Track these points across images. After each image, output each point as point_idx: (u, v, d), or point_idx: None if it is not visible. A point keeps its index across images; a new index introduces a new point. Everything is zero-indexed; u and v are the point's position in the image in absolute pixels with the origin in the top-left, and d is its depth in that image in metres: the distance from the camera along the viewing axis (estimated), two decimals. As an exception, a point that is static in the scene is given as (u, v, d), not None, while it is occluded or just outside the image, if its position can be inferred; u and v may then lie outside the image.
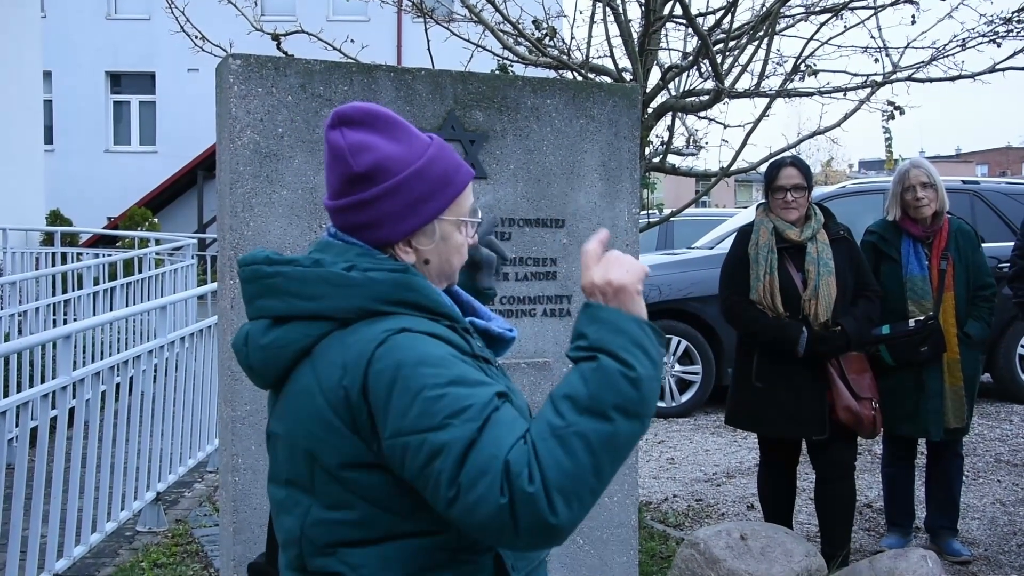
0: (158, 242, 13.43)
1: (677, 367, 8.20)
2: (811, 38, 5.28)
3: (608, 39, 5.15)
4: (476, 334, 1.71)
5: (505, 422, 1.44)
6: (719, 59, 4.85)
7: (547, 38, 5.36)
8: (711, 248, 8.95)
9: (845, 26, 5.43)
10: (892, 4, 5.22)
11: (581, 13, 6.18)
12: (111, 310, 9.26)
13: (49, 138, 19.69)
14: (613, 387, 1.44)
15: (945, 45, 5.27)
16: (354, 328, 1.56)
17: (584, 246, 1.57)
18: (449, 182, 1.66)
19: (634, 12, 5.26)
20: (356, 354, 1.52)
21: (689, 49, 5.44)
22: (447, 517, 1.46)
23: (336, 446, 1.53)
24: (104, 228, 17.80)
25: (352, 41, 5.58)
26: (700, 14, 5.24)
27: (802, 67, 5.27)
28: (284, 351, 1.60)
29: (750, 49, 5.09)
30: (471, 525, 1.42)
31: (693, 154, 5.96)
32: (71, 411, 4.69)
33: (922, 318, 4.57)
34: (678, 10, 4.81)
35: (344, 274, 1.57)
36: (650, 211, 5.64)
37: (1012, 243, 5.17)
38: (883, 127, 5.93)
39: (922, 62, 5.31)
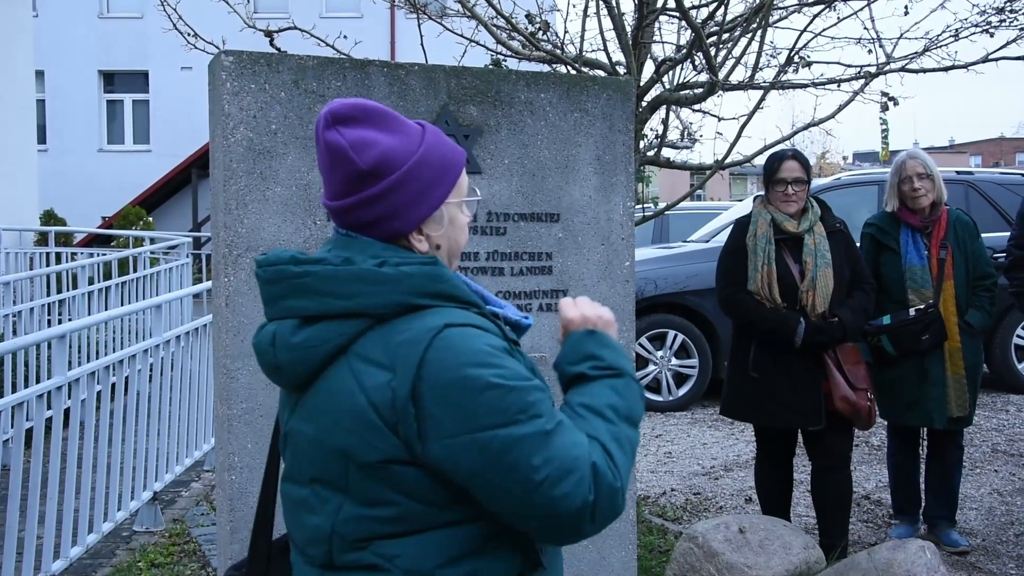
0: (153, 241, 13.42)
1: (674, 361, 8.20)
2: (804, 30, 5.28)
3: (602, 33, 5.15)
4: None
5: (570, 426, 1.57)
6: (713, 52, 4.85)
7: (540, 32, 5.34)
8: (707, 241, 8.95)
9: (838, 17, 5.43)
10: (885, -6, 5.22)
11: (574, 7, 6.19)
12: (106, 310, 9.24)
13: (42, 138, 19.63)
14: (638, 402, 1.69)
15: (938, 36, 5.27)
16: (393, 326, 1.56)
17: (561, 301, 1.80)
18: (449, 165, 1.68)
19: (627, 5, 5.28)
20: (406, 356, 1.53)
21: (683, 42, 5.44)
22: (506, 511, 1.54)
23: (375, 444, 1.54)
24: (98, 227, 17.78)
25: (345, 37, 5.57)
26: (693, 7, 5.24)
27: (796, 59, 5.26)
28: (318, 350, 1.59)
29: (743, 41, 5.09)
30: (546, 517, 1.51)
31: (688, 147, 5.96)
32: (66, 411, 4.68)
33: (922, 307, 4.59)
34: (671, 3, 4.80)
35: (377, 270, 1.57)
36: (645, 205, 5.64)
37: (1007, 233, 5.18)
38: (881, 118, 5.93)
39: (915, 53, 5.31)
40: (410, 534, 1.57)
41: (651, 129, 5.54)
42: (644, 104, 5.11)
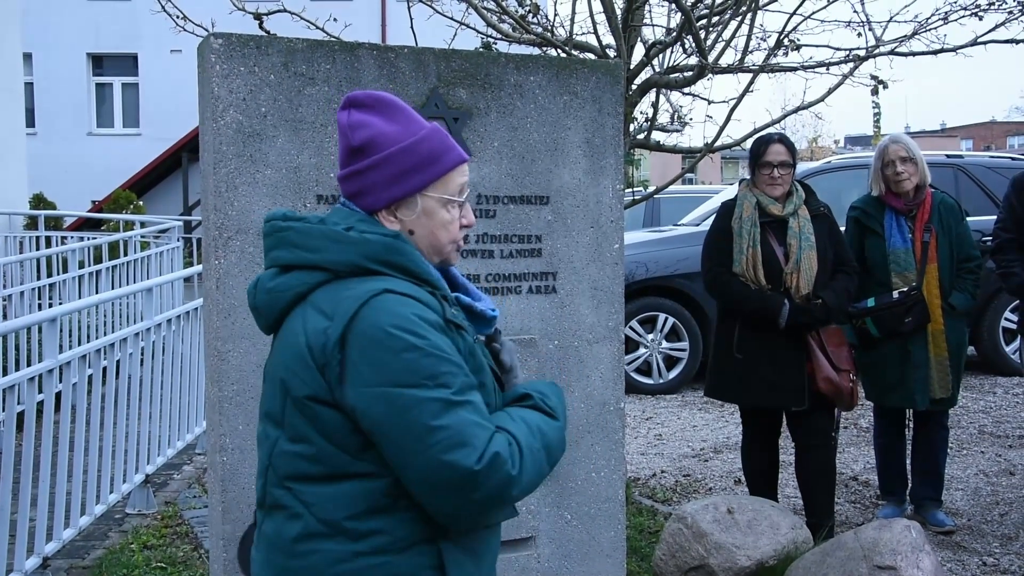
0: (143, 225, 13.37)
1: (664, 344, 8.23)
2: (794, 12, 5.28)
3: (592, 15, 5.14)
4: (456, 305, 1.90)
5: (481, 410, 1.71)
6: (702, 35, 4.85)
7: (530, 15, 5.34)
8: (697, 225, 8.96)
9: (828, 0, 5.42)
10: (875, -22, 5.22)
11: (565, -10, 6.16)
12: (97, 293, 9.22)
13: (31, 121, 19.51)
14: (559, 450, 1.85)
15: (928, 19, 5.28)
16: (345, 283, 1.76)
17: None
18: (436, 161, 1.85)
19: (617, -12, 5.25)
20: (344, 309, 1.72)
21: (672, 25, 5.43)
22: (399, 467, 1.68)
23: (305, 379, 1.74)
24: (89, 211, 17.70)
25: (335, 20, 5.55)
26: (683, -11, 5.23)
27: (785, 42, 5.26)
28: (284, 295, 1.82)
29: (733, 24, 5.09)
30: (429, 478, 1.65)
31: (678, 130, 5.97)
32: (58, 395, 4.68)
33: (906, 289, 4.63)
34: (661, -14, 4.80)
35: (343, 232, 1.79)
36: (635, 188, 5.65)
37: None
38: (873, 102, 5.94)
39: (905, 36, 5.32)
40: (324, 480, 1.74)
41: (641, 112, 5.55)
42: (634, 87, 5.12)
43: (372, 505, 1.73)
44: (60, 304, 8.74)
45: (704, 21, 5.02)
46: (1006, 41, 5.29)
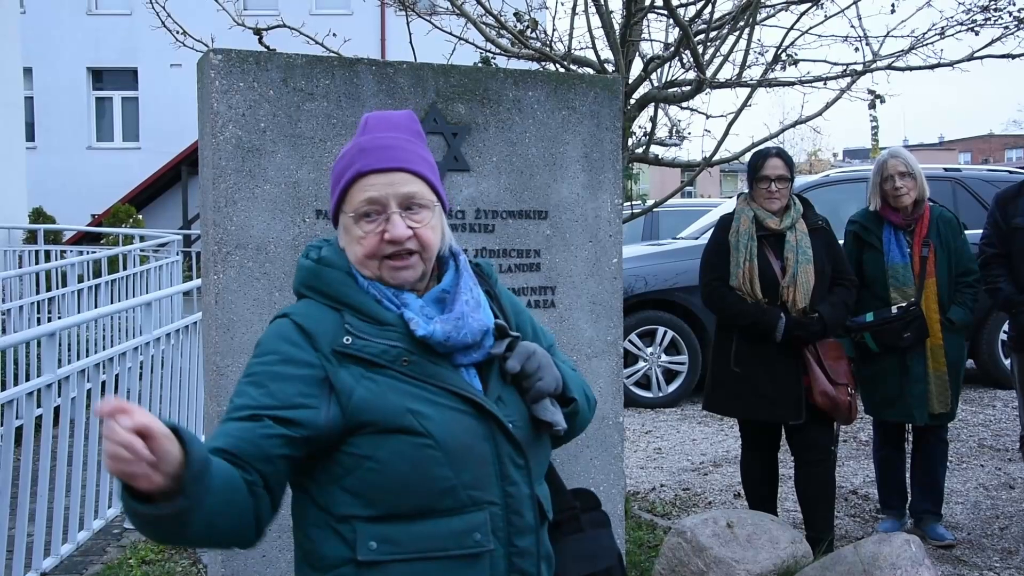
0: (143, 239, 13.39)
1: (663, 357, 8.23)
2: (791, 27, 5.31)
3: (590, 30, 5.17)
4: (398, 326, 1.79)
5: (231, 429, 1.77)
6: (700, 49, 4.87)
7: (529, 30, 5.36)
8: (696, 238, 8.97)
9: (825, 15, 5.46)
10: (872, -8, 5.25)
11: (563, 4, 6.21)
12: (96, 307, 9.22)
13: (31, 135, 19.55)
14: None
15: (924, 33, 5.31)
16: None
17: None
18: (340, 178, 1.84)
19: (615, 3, 5.30)
20: None
21: (671, 40, 5.46)
22: None
23: None
24: (88, 225, 17.72)
25: (334, 35, 5.58)
26: (681, 4, 5.26)
27: (783, 56, 5.29)
28: None
29: (731, 39, 5.11)
30: None
31: (676, 144, 5.99)
32: (56, 409, 4.68)
33: (904, 304, 4.63)
34: (659, 1, 4.82)
35: (300, 259, 1.90)
36: (634, 202, 5.66)
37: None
38: (871, 115, 5.96)
39: (901, 51, 5.35)
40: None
41: (639, 126, 5.56)
42: (632, 102, 5.13)
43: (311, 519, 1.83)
44: (59, 318, 8.75)
45: (702, 36, 5.05)
46: (1002, 56, 5.32)
